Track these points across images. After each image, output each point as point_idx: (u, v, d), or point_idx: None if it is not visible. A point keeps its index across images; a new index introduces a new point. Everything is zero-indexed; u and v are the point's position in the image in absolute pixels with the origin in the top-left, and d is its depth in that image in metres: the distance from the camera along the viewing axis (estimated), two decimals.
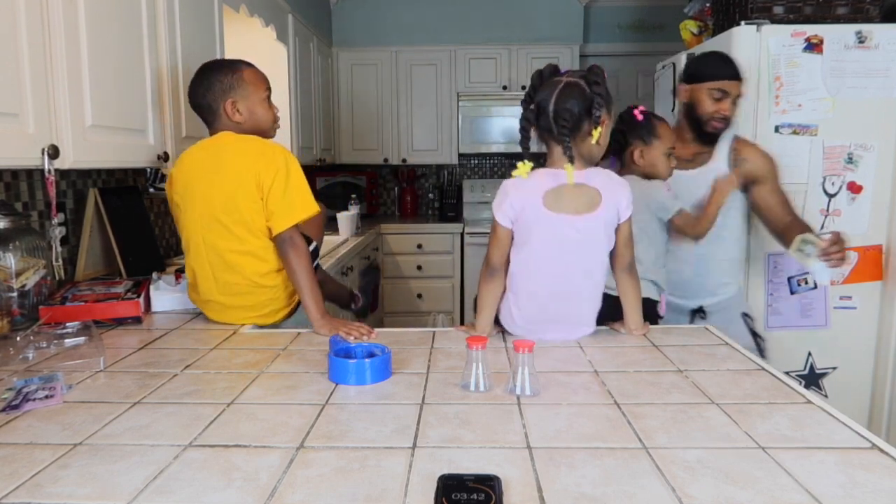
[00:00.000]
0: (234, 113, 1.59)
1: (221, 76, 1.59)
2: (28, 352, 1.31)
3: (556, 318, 1.42)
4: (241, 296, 1.58)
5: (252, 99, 1.61)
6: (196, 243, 1.58)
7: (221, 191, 1.52)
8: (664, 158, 1.79)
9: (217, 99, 1.58)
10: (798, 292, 2.27)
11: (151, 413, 1.03)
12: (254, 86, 1.62)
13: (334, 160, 4.35)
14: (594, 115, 1.30)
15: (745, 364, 1.27)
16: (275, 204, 1.52)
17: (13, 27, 1.25)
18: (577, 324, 1.44)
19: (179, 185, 1.59)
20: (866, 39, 2.16)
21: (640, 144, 1.78)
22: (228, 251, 1.55)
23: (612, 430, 0.95)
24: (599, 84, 1.31)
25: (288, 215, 1.52)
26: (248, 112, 1.60)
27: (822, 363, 2.30)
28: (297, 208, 1.53)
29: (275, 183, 1.51)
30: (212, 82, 1.59)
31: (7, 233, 1.52)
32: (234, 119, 1.59)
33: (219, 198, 1.53)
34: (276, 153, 1.54)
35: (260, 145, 1.56)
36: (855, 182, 2.21)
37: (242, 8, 2.55)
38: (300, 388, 1.14)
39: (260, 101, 1.62)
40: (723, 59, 1.85)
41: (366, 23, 4.32)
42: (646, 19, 4.43)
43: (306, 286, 1.52)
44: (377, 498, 0.76)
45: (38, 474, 0.83)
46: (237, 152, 1.54)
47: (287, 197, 1.52)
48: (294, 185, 1.54)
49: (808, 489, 0.78)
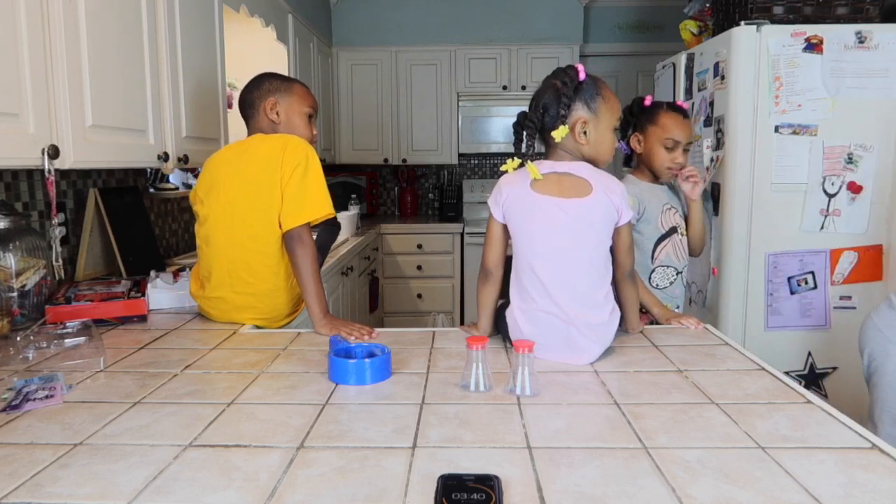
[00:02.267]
0: (272, 112, 1.62)
1: (273, 81, 1.66)
2: (28, 352, 1.31)
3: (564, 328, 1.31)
4: (253, 296, 1.58)
5: (293, 107, 1.64)
6: (216, 237, 1.57)
7: (245, 181, 1.53)
8: (661, 150, 1.79)
9: (260, 97, 1.63)
10: (798, 292, 2.27)
11: (151, 413, 1.03)
12: (299, 97, 1.66)
13: (334, 160, 4.35)
14: (559, 113, 1.32)
15: (745, 364, 1.27)
16: (290, 197, 1.51)
17: (13, 27, 1.25)
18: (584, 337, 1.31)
19: (206, 182, 1.60)
20: (866, 39, 2.16)
21: (638, 131, 1.82)
22: (246, 248, 1.55)
23: (612, 430, 0.95)
24: (567, 84, 1.32)
25: (299, 212, 1.51)
26: (285, 116, 1.63)
27: (822, 363, 2.30)
28: (309, 207, 1.52)
29: (293, 176, 1.51)
30: (261, 83, 1.64)
31: (7, 233, 1.52)
32: (269, 117, 1.62)
33: (242, 189, 1.53)
34: (298, 146, 1.54)
35: (285, 138, 1.57)
36: (855, 182, 2.21)
37: (242, 8, 2.55)
38: (300, 388, 1.14)
39: (300, 113, 1.65)
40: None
41: (366, 23, 4.33)
42: (646, 19, 4.44)
43: (310, 285, 1.52)
44: (377, 498, 0.76)
45: (39, 474, 0.83)
46: (262, 143, 1.56)
47: (302, 192, 1.51)
48: (311, 181, 1.53)
49: (808, 489, 0.78)
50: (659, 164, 1.81)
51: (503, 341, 1.43)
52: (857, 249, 2.24)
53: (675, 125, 1.78)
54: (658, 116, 1.79)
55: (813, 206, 2.23)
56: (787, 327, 2.29)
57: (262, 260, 1.56)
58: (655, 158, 1.81)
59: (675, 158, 1.79)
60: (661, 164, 1.80)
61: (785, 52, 2.18)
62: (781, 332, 2.29)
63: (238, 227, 1.54)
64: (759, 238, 2.26)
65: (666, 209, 1.83)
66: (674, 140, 1.78)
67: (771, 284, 2.27)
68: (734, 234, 2.28)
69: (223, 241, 1.56)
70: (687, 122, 1.81)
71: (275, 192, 1.51)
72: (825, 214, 2.23)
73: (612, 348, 1.37)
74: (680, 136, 1.78)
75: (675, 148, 1.79)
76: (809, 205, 2.23)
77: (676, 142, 1.78)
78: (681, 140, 1.79)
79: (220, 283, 1.58)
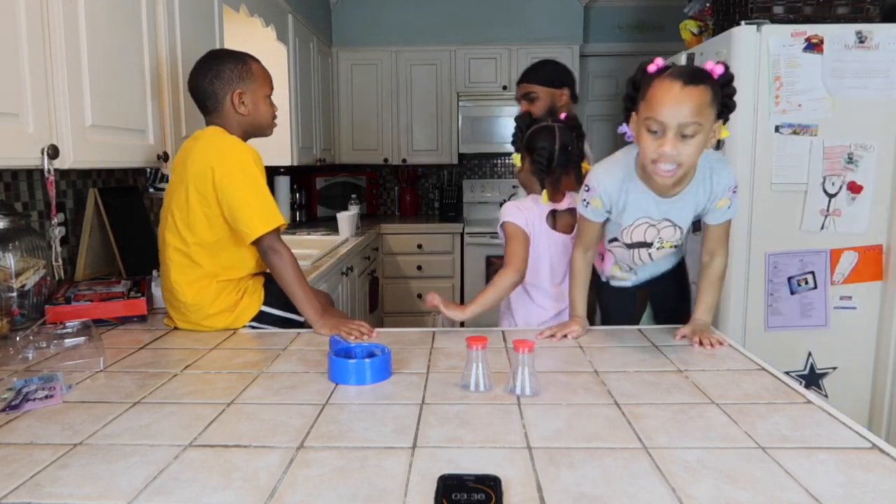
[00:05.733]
0: (240, 105, 1.56)
1: (231, 65, 1.55)
2: (28, 352, 1.31)
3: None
4: (168, 302, 1.57)
5: (258, 94, 1.59)
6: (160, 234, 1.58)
7: (181, 182, 1.50)
8: (645, 136, 1.26)
9: (225, 87, 1.54)
10: (798, 292, 2.27)
11: (151, 413, 1.03)
12: (261, 80, 1.60)
13: (334, 160, 4.35)
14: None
15: (745, 364, 1.27)
16: (237, 210, 1.45)
17: (13, 27, 1.25)
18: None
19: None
20: (866, 39, 2.16)
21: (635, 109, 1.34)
22: (170, 247, 1.53)
23: (612, 430, 0.95)
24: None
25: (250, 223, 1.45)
26: (252, 105, 1.58)
27: (822, 363, 2.30)
28: (256, 218, 1.45)
29: (239, 186, 1.45)
30: (221, 70, 1.54)
31: (7, 233, 1.52)
32: (238, 110, 1.56)
33: (177, 190, 1.51)
34: (239, 153, 1.47)
35: (228, 144, 1.49)
36: (855, 182, 2.21)
37: (242, 8, 2.55)
38: (300, 388, 1.14)
39: (264, 97, 1.61)
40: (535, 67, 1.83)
41: (366, 23, 4.32)
42: (646, 19, 4.43)
43: (296, 292, 1.50)
44: (377, 498, 0.76)
45: (38, 474, 0.83)
46: (206, 146, 1.49)
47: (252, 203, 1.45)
48: (256, 192, 1.46)
49: (808, 489, 0.78)
50: (643, 157, 1.29)
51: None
52: (857, 249, 2.24)
53: (664, 98, 1.22)
54: (649, 87, 1.26)
55: (813, 206, 2.23)
56: (787, 327, 2.28)
57: (174, 260, 1.53)
58: (640, 148, 1.30)
59: (659, 148, 1.23)
60: (645, 156, 1.28)
61: (785, 52, 2.18)
62: (781, 332, 2.28)
63: (168, 227, 1.54)
64: (759, 238, 2.26)
65: (640, 224, 1.44)
66: (657, 121, 1.22)
67: (771, 284, 2.27)
68: (734, 234, 2.25)
69: (161, 241, 1.58)
70: (692, 93, 1.20)
71: (203, 198, 1.47)
72: (825, 214, 2.23)
73: (612, 348, 1.37)
74: (668, 115, 1.21)
75: (662, 133, 1.23)
76: (809, 205, 2.23)
77: (662, 123, 1.22)
78: (667, 122, 1.21)
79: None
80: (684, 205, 1.40)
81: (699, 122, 1.21)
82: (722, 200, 1.40)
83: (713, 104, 1.23)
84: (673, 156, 1.23)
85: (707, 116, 1.23)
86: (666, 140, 1.22)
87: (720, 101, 1.26)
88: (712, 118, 1.25)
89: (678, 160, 1.24)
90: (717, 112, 1.25)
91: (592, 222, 1.49)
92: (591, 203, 1.45)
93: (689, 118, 1.20)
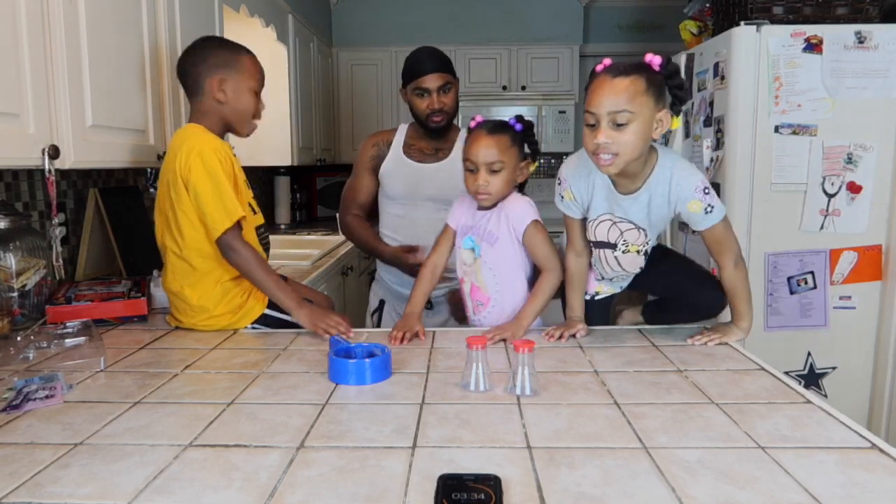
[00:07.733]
0: (219, 91, 1.51)
1: (219, 52, 1.53)
2: (28, 352, 1.31)
3: None
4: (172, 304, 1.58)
5: (242, 85, 1.54)
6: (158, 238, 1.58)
7: (164, 185, 1.51)
8: (585, 129, 1.29)
9: (204, 73, 1.50)
10: (798, 292, 2.27)
11: (151, 413, 1.03)
12: (248, 73, 1.55)
13: (334, 160, 4.35)
14: None
15: (745, 364, 1.27)
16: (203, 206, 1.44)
17: (14, 27, 1.25)
18: None
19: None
20: (866, 40, 2.16)
21: None
22: (169, 252, 1.53)
23: (612, 430, 0.96)
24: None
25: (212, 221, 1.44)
26: (233, 95, 1.52)
27: (822, 363, 2.30)
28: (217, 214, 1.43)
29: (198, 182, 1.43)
30: (206, 55, 1.52)
31: (7, 233, 1.52)
32: (216, 97, 1.51)
33: (164, 195, 1.52)
34: (200, 149, 1.43)
35: (192, 140, 1.45)
36: (855, 182, 2.21)
37: (242, 8, 2.55)
38: (300, 388, 1.14)
39: (249, 89, 1.55)
40: (418, 57, 1.82)
41: (366, 23, 4.33)
42: (646, 19, 4.43)
43: (265, 286, 1.48)
44: (377, 498, 0.77)
45: (39, 474, 0.83)
46: (176, 150, 1.46)
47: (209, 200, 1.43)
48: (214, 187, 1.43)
49: (808, 489, 0.78)
50: (587, 153, 1.31)
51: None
52: (856, 249, 2.24)
53: (595, 90, 1.26)
54: (589, 85, 1.30)
55: (813, 206, 2.23)
56: (786, 327, 2.29)
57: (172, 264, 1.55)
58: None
59: (595, 139, 1.25)
60: (587, 151, 1.30)
61: (785, 52, 2.18)
62: (781, 332, 2.28)
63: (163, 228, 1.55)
64: (759, 238, 2.26)
65: (603, 220, 1.43)
66: (590, 112, 1.26)
67: (770, 284, 2.27)
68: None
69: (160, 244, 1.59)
70: (621, 82, 1.22)
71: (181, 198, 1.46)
72: (825, 214, 2.23)
73: (612, 348, 1.37)
74: (597, 105, 1.24)
75: (598, 125, 1.25)
76: (809, 205, 2.23)
77: (594, 115, 1.25)
78: (598, 112, 1.24)
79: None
80: (642, 205, 1.38)
81: (630, 109, 1.22)
82: (692, 203, 1.33)
83: (648, 93, 1.23)
84: (607, 144, 1.24)
85: (640, 105, 1.23)
86: (600, 130, 1.24)
87: (661, 91, 1.26)
88: (649, 107, 1.24)
89: (613, 149, 1.24)
90: (656, 101, 1.25)
91: (572, 219, 1.51)
92: (564, 196, 1.48)
93: (618, 106, 1.22)
